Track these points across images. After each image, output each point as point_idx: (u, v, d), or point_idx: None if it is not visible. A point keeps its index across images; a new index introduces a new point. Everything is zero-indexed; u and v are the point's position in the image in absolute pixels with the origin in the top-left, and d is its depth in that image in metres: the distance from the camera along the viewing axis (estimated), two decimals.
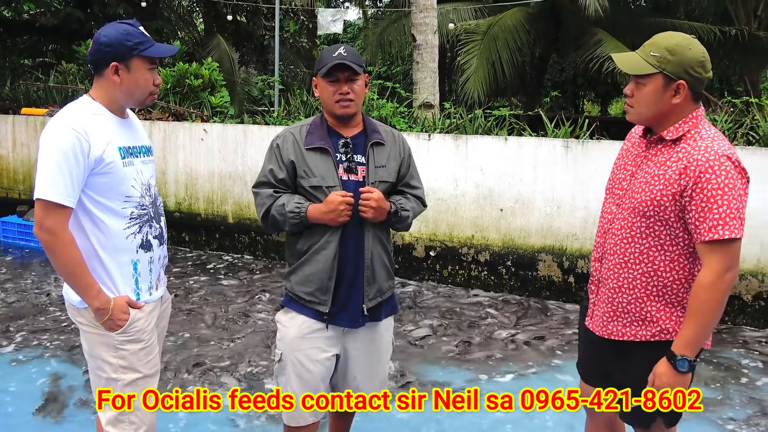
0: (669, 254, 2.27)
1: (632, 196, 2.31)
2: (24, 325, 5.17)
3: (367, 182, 2.72)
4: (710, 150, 2.16)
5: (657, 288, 2.30)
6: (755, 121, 5.99)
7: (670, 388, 2.22)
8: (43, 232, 2.26)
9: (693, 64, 2.20)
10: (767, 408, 4.08)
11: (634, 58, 2.29)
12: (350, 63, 2.63)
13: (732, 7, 14.95)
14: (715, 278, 2.13)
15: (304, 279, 2.75)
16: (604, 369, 2.53)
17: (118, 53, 2.34)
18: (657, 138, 2.31)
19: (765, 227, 5.39)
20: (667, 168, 2.23)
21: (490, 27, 13.17)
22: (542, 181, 6.09)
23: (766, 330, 5.44)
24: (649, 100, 2.25)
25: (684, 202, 2.18)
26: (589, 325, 2.52)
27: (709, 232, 2.12)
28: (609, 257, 2.40)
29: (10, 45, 14.33)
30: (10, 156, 8.98)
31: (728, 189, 2.11)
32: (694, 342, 2.18)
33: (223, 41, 12.79)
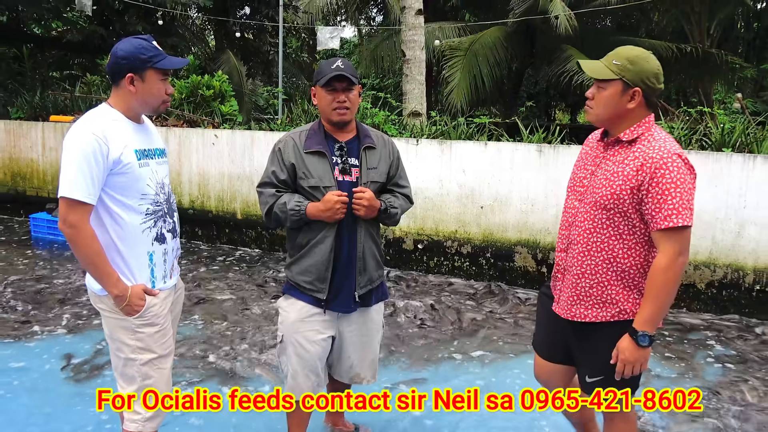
0: (627, 243, 2.30)
1: (593, 191, 2.34)
2: (68, 309, 5.16)
3: (360, 182, 2.73)
4: (664, 149, 2.21)
5: (617, 273, 2.33)
6: (708, 128, 6.02)
7: (632, 360, 2.26)
8: (66, 226, 2.26)
9: (649, 75, 2.26)
10: (709, 382, 4.12)
11: (598, 65, 2.34)
12: (347, 75, 2.64)
13: (688, 27, 15.02)
14: (670, 262, 2.19)
15: (304, 269, 2.76)
16: (567, 348, 2.55)
17: (133, 65, 2.34)
18: (614, 140, 2.35)
19: (716, 223, 5.41)
20: (625, 166, 2.27)
21: (472, 44, 13.19)
22: (518, 182, 6.10)
23: (717, 314, 5.47)
24: (608, 103, 2.31)
25: (641, 195, 2.22)
26: (555, 309, 2.53)
27: (664, 221, 2.17)
28: (573, 247, 2.42)
29: (40, 59, 14.27)
30: (40, 159, 8.92)
31: (680, 183, 2.16)
32: (652, 319, 2.23)
33: (232, 56, 12.74)
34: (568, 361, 2.59)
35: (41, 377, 3.93)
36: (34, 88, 11.09)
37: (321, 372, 2.88)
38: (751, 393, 3.96)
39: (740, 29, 17.64)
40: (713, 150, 5.64)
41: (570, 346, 2.53)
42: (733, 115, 11.69)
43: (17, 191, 9.17)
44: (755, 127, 5.92)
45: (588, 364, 2.46)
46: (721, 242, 5.44)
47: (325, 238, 2.70)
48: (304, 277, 2.76)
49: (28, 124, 8.97)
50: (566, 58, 12.45)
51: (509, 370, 4.26)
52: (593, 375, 2.43)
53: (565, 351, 2.56)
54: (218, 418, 3.48)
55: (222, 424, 3.43)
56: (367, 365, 3.01)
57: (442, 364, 4.33)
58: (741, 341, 4.87)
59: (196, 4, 13.65)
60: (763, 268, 5.36)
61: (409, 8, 8.60)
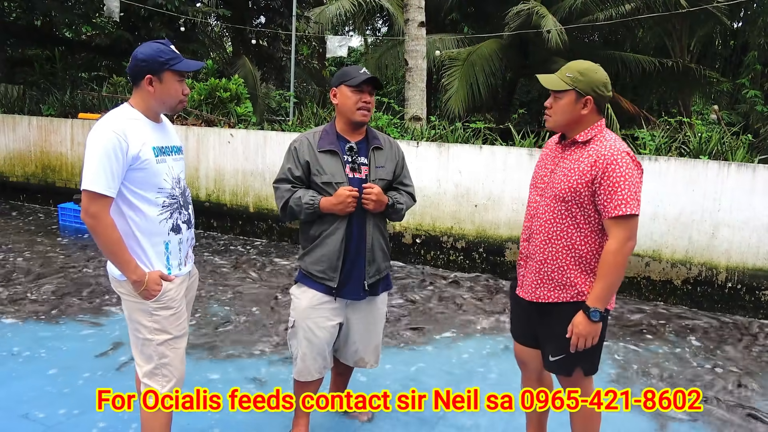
0: (584, 231, 2.37)
1: (553, 186, 2.41)
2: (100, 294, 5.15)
3: (369, 179, 2.75)
4: (614, 148, 2.30)
5: (575, 259, 2.39)
6: (686, 137, 5.99)
7: (584, 334, 2.32)
8: (88, 217, 2.25)
9: (598, 84, 2.36)
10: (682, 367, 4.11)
11: (553, 78, 2.43)
12: (377, 79, 2.73)
13: (669, 43, 14.94)
14: (619, 246, 2.27)
15: (317, 259, 2.77)
16: (533, 330, 2.59)
17: (152, 67, 2.33)
18: (571, 141, 2.43)
19: (693, 225, 5.39)
20: (581, 163, 2.34)
21: (470, 54, 13.14)
22: (510, 183, 6.07)
23: (692, 309, 5.45)
24: (564, 111, 2.39)
25: (594, 188, 2.30)
26: (519, 293, 2.57)
27: (614, 210, 2.25)
28: (536, 236, 2.48)
29: (70, 61, 14.24)
30: (69, 153, 8.91)
31: (629, 176, 2.25)
32: (603, 297, 2.31)
33: (247, 61, 12.69)
34: (538, 345, 2.61)
35: (72, 355, 3.93)
36: (65, 87, 11.07)
37: (327, 356, 2.89)
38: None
39: (718, 46, 17.56)
40: (691, 157, 5.62)
41: (536, 330, 2.57)
42: (710, 125, 11.64)
43: (47, 183, 9.16)
44: (730, 137, 5.89)
45: (550, 344, 2.49)
46: (697, 242, 5.42)
47: (337, 230, 2.71)
48: (317, 266, 2.76)
49: (59, 120, 8.95)
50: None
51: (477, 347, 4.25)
52: (555, 354, 2.47)
53: (534, 335, 2.60)
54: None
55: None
56: (371, 350, 3.02)
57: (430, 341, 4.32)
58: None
59: (216, 13, 13.61)
60: (734, 267, 5.34)
61: (413, 21, 8.57)
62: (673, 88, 14.82)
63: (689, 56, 15.35)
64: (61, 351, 3.98)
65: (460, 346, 4.38)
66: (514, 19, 12.02)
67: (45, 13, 12.97)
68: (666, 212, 5.46)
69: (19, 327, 4.36)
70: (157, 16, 11.66)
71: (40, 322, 4.47)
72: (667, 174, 5.43)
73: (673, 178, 5.42)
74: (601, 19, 12.96)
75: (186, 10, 11.61)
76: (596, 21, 13.03)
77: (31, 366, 3.73)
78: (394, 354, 4.18)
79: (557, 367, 2.49)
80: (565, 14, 12.57)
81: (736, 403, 3.65)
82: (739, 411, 3.56)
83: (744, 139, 5.93)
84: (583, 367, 2.46)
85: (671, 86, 14.75)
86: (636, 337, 4.70)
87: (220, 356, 4.02)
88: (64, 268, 5.85)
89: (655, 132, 6.32)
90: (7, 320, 4.47)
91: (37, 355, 3.89)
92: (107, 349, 4.03)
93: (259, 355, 4.06)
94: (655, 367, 4.17)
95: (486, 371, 3.97)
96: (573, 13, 12.62)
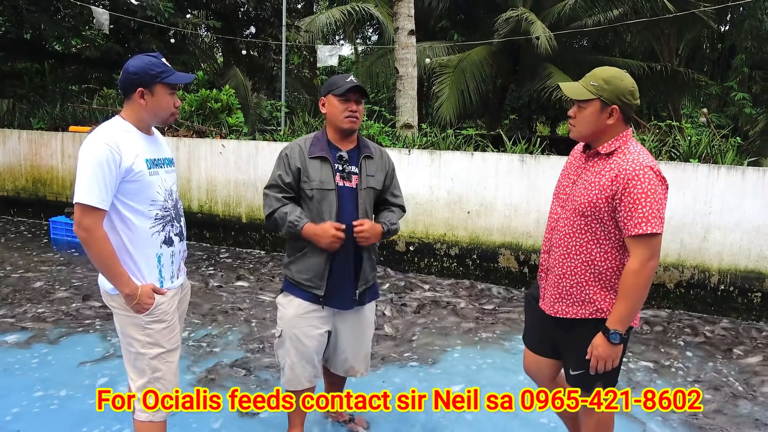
0: (604, 247, 2.29)
1: (573, 199, 2.34)
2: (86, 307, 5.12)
3: (359, 188, 2.74)
4: (637, 162, 2.20)
5: (594, 275, 2.32)
6: (676, 140, 6.03)
7: (604, 357, 2.26)
8: (80, 230, 2.23)
9: (624, 93, 2.26)
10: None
11: (577, 86, 2.33)
12: (363, 87, 2.72)
13: (658, 47, 15.08)
14: (640, 266, 2.18)
15: (304, 268, 2.76)
16: (552, 342, 2.55)
17: (143, 80, 2.32)
18: (594, 152, 2.35)
19: (684, 228, 5.42)
20: (602, 176, 2.26)
21: (460, 62, 13.20)
22: (502, 189, 6.09)
23: (684, 311, 5.47)
24: (589, 121, 2.30)
25: (615, 203, 2.21)
26: (541, 305, 2.52)
27: (635, 228, 2.16)
28: (555, 250, 2.41)
29: (60, 73, 14.19)
30: (59, 166, 8.87)
31: (651, 193, 2.15)
32: (623, 319, 2.23)
33: (238, 71, 12.70)
34: (554, 355, 2.59)
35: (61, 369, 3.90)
36: (55, 100, 11.03)
37: (317, 364, 2.88)
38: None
39: (706, 50, 17.72)
40: (681, 160, 5.65)
41: (556, 341, 2.53)
42: (700, 128, 11.75)
43: (38, 196, 9.11)
44: (719, 140, 5.94)
45: (571, 358, 2.46)
46: (689, 245, 5.45)
47: None
48: (304, 274, 2.75)
49: (49, 134, 8.92)
50: (547, 75, 12.47)
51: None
52: (576, 369, 2.43)
53: (552, 345, 2.56)
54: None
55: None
56: (360, 359, 3.01)
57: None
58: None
59: (206, 24, 13.62)
60: (726, 269, 5.36)
61: (402, 29, 8.61)
62: (663, 91, 14.94)
63: (678, 60, 15.50)
64: (52, 365, 3.95)
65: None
66: (504, 26, 12.09)
67: (34, 26, 12.93)
68: None
69: (11, 341, 4.32)
70: (146, 28, 11.65)
71: (31, 336, 4.44)
72: None
73: None
74: (590, 24, 13.06)
75: (176, 21, 11.61)
76: (585, 26, 13.14)
77: (18, 380, 3.70)
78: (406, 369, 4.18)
79: (577, 382, 2.46)
80: (554, 20, 12.66)
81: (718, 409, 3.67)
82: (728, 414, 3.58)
83: (733, 142, 5.98)
84: (603, 383, 2.41)
85: (660, 90, 14.87)
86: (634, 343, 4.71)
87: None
88: (55, 282, 5.81)
89: (646, 136, 6.36)
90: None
91: (29, 370, 3.86)
92: (98, 361, 4.00)
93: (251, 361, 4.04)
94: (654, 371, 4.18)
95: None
96: (562, 19, 12.72)
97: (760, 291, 5.29)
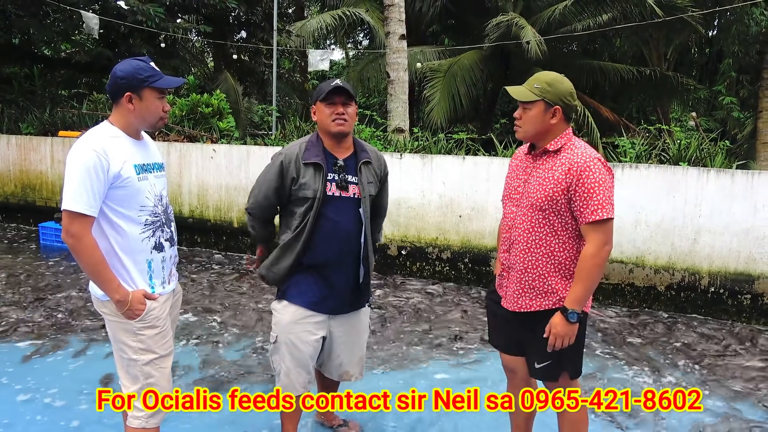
0: (561, 238, 2.41)
1: (529, 196, 2.45)
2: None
3: (362, 197, 2.71)
4: (585, 155, 2.36)
5: (554, 266, 2.43)
6: (666, 144, 6.07)
7: (562, 334, 2.36)
8: (69, 237, 2.22)
9: (565, 94, 2.42)
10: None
11: (522, 89, 2.47)
12: (346, 87, 2.67)
13: (646, 51, 15.19)
14: (597, 250, 2.32)
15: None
16: (517, 340, 2.63)
17: (131, 85, 2.31)
18: (542, 151, 2.47)
19: (675, 231, 5.45)
20: (555, 171, 2.39)
21: (451, 66, 13.23)
22: (494, 192, 6.10)
23: (677, 314, 5.50)
24: (534, 121, 2.43)
25: (570, 194, 2.35)
26: (503, 304, 2.59)
27: (591, 215, 2.31)
28: (516, 246, 2.50)
29: (49, 78, 14.11)
30: (49, 171, 8.81)
31: (602, 182, 2.31)
32: (580, 299, 2.35)
33: (229, 76, 12.65)
34: (523, 353, 2.64)
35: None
36: (44, 105, 10.96)
37: (311, 370, 2.86)
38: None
39: (694, 54, 17.90)
40: (671, 164, 5.69)
41: (521, 338, 2.60)
42: (689, 132, 11.85)
43: (27, 201, 9.05)
44: (708, 143, 5.98)
45: (535, 351, 2.52)
46: (679, 248, 5.48)
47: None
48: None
49: (38, 139, 8.85)
50: None
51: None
52: (541, 361, 2.50)
53: (518, 343, 2.63)
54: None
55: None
56: (355, 363, 3.00)
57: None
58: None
59: (196, 29, 13.58)
60: (716, 272, 5.40)
61: (393, 33, 8.63)
62: (652, 95, 15.04)
63: (666, 64, 15.62)
64: (40, 371, 3.91)
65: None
66: (494, 31, 12.13)
67: (23, 31, 12.86)
68: (648, 219, 5.52)
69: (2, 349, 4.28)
70: (137, 32, 11.60)
71: (22, 344, 4.39)
72: (648, 181, 5.49)
73: (653, 185, 5.48)
74: (579, 29, 13.14)
75: (166, 26, 11.57)
76: (574, 31, 13.21)
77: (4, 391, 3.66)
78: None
79: (543, 374, 2.53)
80: (544, 25, 12.72)
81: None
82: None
83: (722, 145, 6.03)
84: (569, 371, 2.50)
85: (650, 94, 14.97)
86: (622, 343, 4.73)
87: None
88: (45, 289, 5.76)
89: (635, 140, 6.40)
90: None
91: (22, 379, 3.82)
92: (99, 375, 3.97)
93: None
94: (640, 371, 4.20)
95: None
96: (552, 24, 12.77)
97: (749, 293, 5.32)
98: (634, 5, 12.28)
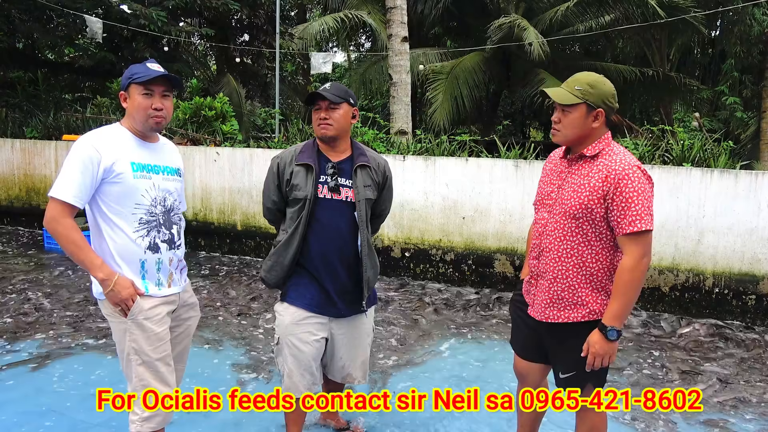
0: (595, 248, 2.31)
1: (562, 203, 2.35)
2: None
3: (356, 200, 2.70)
4: (624, 162, 2.24)
5: (586, 277, 2.34)
6: (669, 144, 6.05)
7: (601, 353, 2.27)
8: (48, 221, 2.29)
9: (608, 96, 2.31)
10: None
11: (562, 91, 2.35)
12: (326, 94, 2.65)
13: (649, 52, 15.17)
14: (635, 263, 2.21)
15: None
16: (541, 347, 2.56)
17: (123, 84, 2.43)
18: (578, 155, 2.37)
19: (678, 231, 5.44)
20: (591, 178, 2.28)
21: (453, 68, 13.25)
22: (497, 194, 6.10)
23: (679, 314, 5.48)
24: (575, 125, 2.32)
25: (607, 203, 2.24)
26: (530, 313, 2.51)
27: (629, 226, 2.19)
28: (546, 254, 2.41)
29: (53, 82, 14.18)
30: (53, 175, 8.82)
31: (641, 191, 2.20)
32: (620, 315, 2.25)
33: (232, 79, 12.71)
34: (543, 360, 2.59)
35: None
36: (48, 109, 11.00)
37: (315, 371, 2.84)
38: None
39: (696, 55, 17.86)
40: (674, 164, 5.67)
41: (545, 346, 2.53)
42: (692, 132, 11.81)
43: (31, 205, 9.07)
44: (712, 144, 5.96)
45: (561, 362, 2.46)
46: (683, 249, 5.46)
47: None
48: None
49: (42, 142, 8.89)
50: (539, 80, 12.53)
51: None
52: (566, 371, 2.43)
53: (541, 351, 2.56)
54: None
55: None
56: (358, 366, 2.98)
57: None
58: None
59: (199, 32, 13.63)
60: (721, 273, 5.38)
61: (396, 36, 8.63)
62: (655, 96, 15.03)
63: (669, 65, 15.60)
64: (46, 377, 3.92)
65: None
66: (496, 32, 12.15)
67: (27, 36, 12.92)
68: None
69: (10, 351, 4.29)
70: (140, 36, 11.65)
71: (25, 345, 4.40)
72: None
73: (657, 186, 5.46)
74: (582, 30, 13.15)
75: (169, 30, 11.61)
76: (577, 32, 13.22)
77: (10, 395, 3.66)
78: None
79: (567, 384, 2.46)
80: (546, 26, 12.73)
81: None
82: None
83: (725, 146, 6.00)
84: (593, 382, 2.43)
85: (652, 95, 14.96)
86: (625, 344, 4.72)
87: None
88: (50, 294, 5.77)
89: (639, 140, 6.39)
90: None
91: (34, 382, 3.82)
92: (96, 372, 3.97)
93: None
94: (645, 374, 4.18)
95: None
96: (554, 25, 12.79)
97: (754, 293, 5.30)
98: (637, 6, 12.29)
